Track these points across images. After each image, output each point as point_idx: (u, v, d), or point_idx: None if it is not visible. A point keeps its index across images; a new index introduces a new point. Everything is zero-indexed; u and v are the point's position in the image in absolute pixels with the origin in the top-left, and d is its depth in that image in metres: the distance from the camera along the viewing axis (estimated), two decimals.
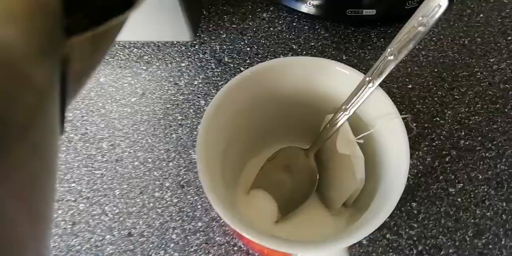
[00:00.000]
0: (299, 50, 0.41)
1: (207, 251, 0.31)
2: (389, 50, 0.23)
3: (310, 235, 0.29)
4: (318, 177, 0.29)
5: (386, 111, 0.25)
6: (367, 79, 0.25)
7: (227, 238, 0.32)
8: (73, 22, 0.11)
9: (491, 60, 0.39)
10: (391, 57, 0.24)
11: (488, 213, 0.32)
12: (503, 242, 0.31)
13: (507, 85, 0.38)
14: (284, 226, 0.29)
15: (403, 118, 0.25)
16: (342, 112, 0.26)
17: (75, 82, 0.12)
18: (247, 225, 0.21)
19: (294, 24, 0.42)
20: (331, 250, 0.21)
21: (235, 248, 0.31)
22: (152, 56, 0.41)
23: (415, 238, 0.31)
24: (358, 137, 0.26)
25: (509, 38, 0.40)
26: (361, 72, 0.26)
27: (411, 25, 0.23)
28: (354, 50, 0.40)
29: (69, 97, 0.11)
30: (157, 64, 0.40)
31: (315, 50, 0.41)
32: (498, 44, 0.40)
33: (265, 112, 0.28)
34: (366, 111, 0.26)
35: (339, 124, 0.26)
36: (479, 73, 0.38)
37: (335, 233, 0.26)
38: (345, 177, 0.27)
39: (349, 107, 0.26)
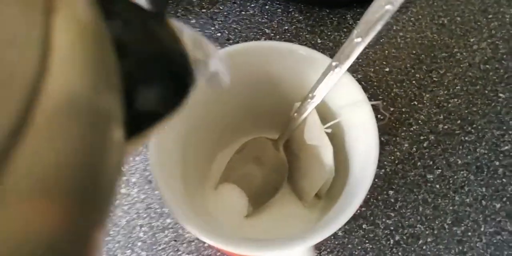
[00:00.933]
0: (272, 34, 0.39)
1: (176, 249, 0.30)
2: (355, 32, 0.22)
3: (282, 229, 0.28)
4: (288, 168, 0.28)
5: (354, 98, 0.24)
6: (334, 64, 0.23)
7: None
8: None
9: (471, 40, 0.37)
10: (358, 39, 0.22)
11: (467, 200, 0.31)
12: (482, 229, 0.30)
13: (487, 66, 0.36)
14: (255, 221, 0.28)
15: (373, 105, 0.24)
16: (309, 100, 0.25)
17: None
18: (198, 225, 0.20)
19: (267, 7, 0.40)
20: (295, 250, 0.19)
21: (206, 245, 0.30)
22: None
23: (392, 228, 0.30)
24: (326, 126, 0.24)
25: (490, 16, 0.38)
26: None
27: (378, 4, 0.21)
28: (329, 33, 0.39)
29: None
30: None
31: (289, 34, 0.39)
32: (479, 23, 0.38)
33: (228, 102, 0.27)
34: (335, 99, 0.25)
35: (306, 112, 0.25)
36: (458, 54, 0.37)
37: (307, 226, 0.25)
38: (315, 167, 0.26)
39: (316, 95, 0.24)
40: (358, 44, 0.22)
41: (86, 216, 0.09)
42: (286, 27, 0.39)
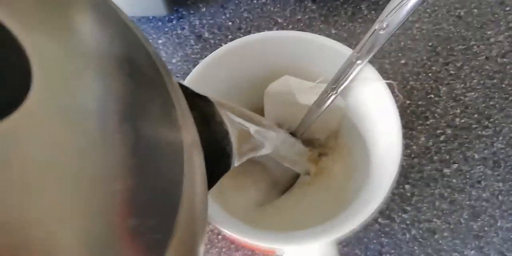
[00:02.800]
0: (285, 24, 0.38)
1: None
2: (379, 22, 0.21)
3: (301, 221, 0.27)
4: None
5: (374, 89, 0.23)
6: (356, 55, 0.22)
7: (210, 226, 0.30)
8: None
9: (488, 33, 0.37)
10: (382, 31, 0.21)
11: (484, 194, 0.30)
12: (499, 224, 0.30)
13: (504, 59, 0.35)
14: (273, 211, 0.27)
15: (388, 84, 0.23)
16: (329, 92, 0.24)
17: None
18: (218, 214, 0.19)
19: None
20: (317, 244, 0.19)
21: (219, 237, 0.29)
22: None
23: (408, 222, 0.30)
24: (317, 81, 0.24)
25: (507, 9, 0.38)
26: (351, 47, 0.24)
27: None
28: (343, 24, 0.38)
29: None
30: None
31: (301, 24, 0.38)
32: (496, 16, 0.37)
33: (244, 92, 0.26)
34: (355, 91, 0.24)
35: (326, 104, 0.24)
36: (475, 47, 0.36)
37: (327, 218, 0.25)
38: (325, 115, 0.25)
39: (336, 86, 0.23)
40: (381, 35, 0.22)
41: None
42: (299, 17, 0.38)
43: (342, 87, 0.23)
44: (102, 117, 0.10)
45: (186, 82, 0.23)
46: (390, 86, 0.23)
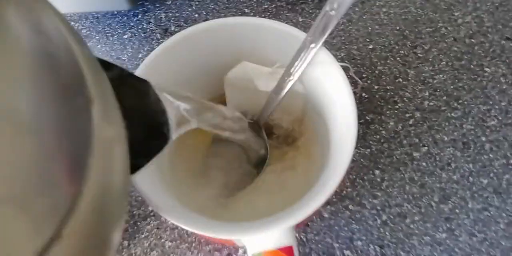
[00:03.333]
0: (252, 13, 0.38)
1: (159, 236, 0.29)
2: (329, 3, 0.21)
3: (263, 209, 0.27)
4: (268, 150, 0.27)
5: (330, 72, 0.23)
6: (309, 38, 0.22)
7: None
8: None
9: (456, 14, 0.36)
10: (332, 12, 0.21)
11: (454, 176, 0.30)
12: (470, 206, 0.29)
13: (472, 40, 0.35)
14: (237, 204, 0.27)
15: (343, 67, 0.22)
16: (286, 78, 0.24)
17: None
18: (174, 212, 0.19)
19: None
20: (275, 232, 0.19)
21: (189, 232, 0.29)
22: (91, 29, 0.37)
23: (378, 208, 0.29)
24: (275, 66, 0.24)
25: None
26: None
27: None
28: (310, 11, 0.37)
29: None
30: (97, 37, 0.37)
31: (268, 13, 0.38)
32: None
33: (203, 81, 0.26)
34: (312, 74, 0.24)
35: (284, 90, 0.24)
36: (443, 28, 0.36)
37: (288, 205, 0.24)
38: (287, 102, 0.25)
39: (293, 71, 0.23)
40: (332, 17, 0.21)
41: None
42: (266, 6, 0.38)
43: (299, 72, 0.23)
44: (25, 110, 0.10)
45: (137, 74, 0.22)
46: (346, 70, 0.22)
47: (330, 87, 0.23)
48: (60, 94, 0.11)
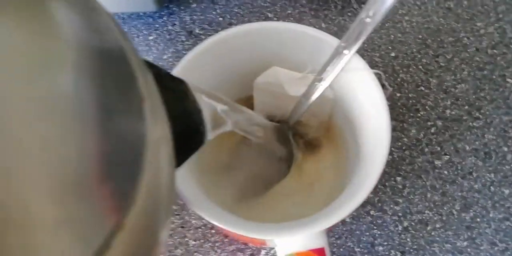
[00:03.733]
0: (275, 18, 0.38)
1: (183, 235, 0.29)
2: (365, 11, 0.21)
3: (289, 211, 0.27)
4: (294, 153, 0.27)
5: (362, 79, 0.23)
6: (343, 45, 0.22)
7: (203, 221, 0.30)
8: None
9: (478, 24, 0.37)
10: (368, 20, 0.21)
11: (476, 186, 0.30)
12: (491, 215, 0.30)
13: (495, 51, 0.35)
14: (260, 203, 0.27)
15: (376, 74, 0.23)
16: (317, 83, 0.24)
17: None
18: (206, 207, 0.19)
19: None
20: (308, 233, 0.19)
21: (213, 231, 0.29)
22: None
23: (400, 214, 0.30)
24: (306, 72, 0.24)
25: (497, 0, 0.38)
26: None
27: None
28: (333, 17, 0.38)
29: None
30: None
31: (292, 18, 0.38)
32: (486, 7, 0.37)
33: (233, 84, 0.26)
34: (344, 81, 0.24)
35: (314, 96, 0.24)
36: (465, 39, 0.36)
37: (317, 209, 0.25)
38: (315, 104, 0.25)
39: (324, 77, 0.23)
40: (367, 24, 0.21)
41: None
42: (289, 11, 0.38)
43: (330, 77, 0.23)
44: (75, 107, 0.10)
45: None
46: (378, 76, 0.23)
47: (361, 94, 0.23)
48: (113, 92, 0.11)
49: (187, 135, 0.17)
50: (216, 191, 0.26)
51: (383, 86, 0.27)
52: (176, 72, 0.22)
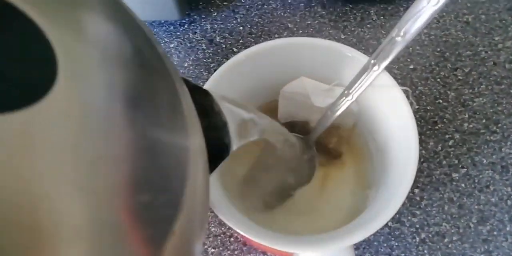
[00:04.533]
0: (295, 29, 0.38)
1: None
2: (397, 29, 0.22)
3: (310, 224, 0.27)
4: (317, 167, 0.28)
5: (390, 94, 0.23)
6: (372, 61, 0.23)
7: (223, 228, 0.30)
8: None
9: (496, 39, 0.37)
10: (399, 39, 0.22)
11: (493, 199, 0.31)
12: (508, 229, 0.30)
13: None
14: (282, 214, 0.28)
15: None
16: (344, 97, 0.24)
17: None
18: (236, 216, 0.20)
19: (289, 1, 0.40)
20: (333, 249, 0.19)
21: (232, 239, 0.30)
22: None
23: (417, 226, 0.30)
24: (333, 84, 0.24)
25: None
26: (360, 51, 0.24)
27: (421, 3, 0.21)
28: (353, 29, 0.38)
29: None
30: None
31: (311, 29, 0.38)
32: (504, 21, 0.38)
33: (260, 97, 0.26)
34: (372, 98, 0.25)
35: (340, 110, 0.25)
36: (483, 52, 0.37)
37: (340, 223, 0.25)
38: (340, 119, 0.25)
39: (352, 92, 0.24)
40: (398, 43, 0.22)
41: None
42: (309, 22, 0.39)
43: (358, 92, 0.24)
44: (116, 116, 0.10)
45: (205, 86, 0.23)
46: (405, 92, 0.23)
47: (387, 108, 0.23)
48: (158, 104, 0.12)
49: (213, 146, 0.18)
50: (239, 200, 0.27)
51: (409, 102, 0.28)
52: (207, 85, 0.23)
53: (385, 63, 0.23)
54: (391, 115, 0.23)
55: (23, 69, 0.09)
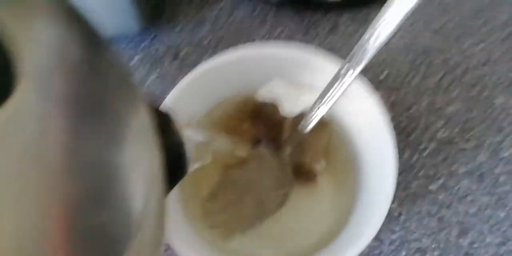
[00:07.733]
0: (265, 39, 0.37)
1: None
2: (369, 33, 0.20)
3: (293, 240, 0.25)
4: (292, 179, 0.26)
5: (365, 103, 0.22)
6: (345, 66, 0.22)
7: None
8: None
9: (465, 45, 0.37)
10: (372, 43, 0.21)
11: (472, 210, 0.30)
12: (487, 240, 0.29)
13: (483, 70, 0.36)
14: (256, 236, 0.26)
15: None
16: (318, 106, 0.23)
17: None
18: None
19: (256, 13, 0.38)
20: None
21: None
22: None
23: (397, 243, 0.29)
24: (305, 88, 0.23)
25: (480, 21, 0.38)
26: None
27: (392, 4, 0.20)
28: (325, 36, 0.37)
29: None
30: None
31: (283, 37, 0.37)
32: (471, 28, 0.38)
33: (232, 106, 0.25)
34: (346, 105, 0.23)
35: (316, 119, 0.23)
36: (453, 59, 0.36)
37: (317, 240, 0.23)
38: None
39: (326, 100, 0.22)
40: (371, 47, 0.21)
41: None
42: (279, 31, 0.38)
43: (333, 101, 0.22)
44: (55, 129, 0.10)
45: (164, 103, 0.21)
46: (382, 99, 0.22)
47: (363, 116, 0.22)
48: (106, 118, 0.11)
49: (169, 167, 0.17)
50: (203, 224, 0.24)
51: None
52: (167, 100, 0.21)
53: (359, 68, 0.21)
54: (366, 123, 0.22)
55: None
